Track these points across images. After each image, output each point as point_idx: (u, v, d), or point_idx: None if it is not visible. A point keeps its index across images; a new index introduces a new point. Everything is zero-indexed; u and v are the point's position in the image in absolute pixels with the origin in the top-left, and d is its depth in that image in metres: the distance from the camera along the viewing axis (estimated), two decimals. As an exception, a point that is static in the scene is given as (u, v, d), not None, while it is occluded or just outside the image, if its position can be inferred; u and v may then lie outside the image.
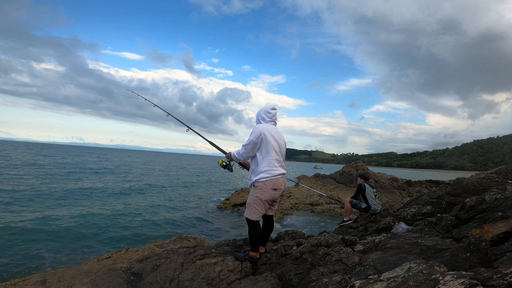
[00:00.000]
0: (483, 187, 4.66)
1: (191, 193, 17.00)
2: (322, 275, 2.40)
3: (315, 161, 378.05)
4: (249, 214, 2.89)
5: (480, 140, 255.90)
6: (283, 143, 3.04)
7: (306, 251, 2.93)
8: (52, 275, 3.54)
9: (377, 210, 5.09)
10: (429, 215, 4.21)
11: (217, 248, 3.64)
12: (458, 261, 1.81)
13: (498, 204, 3.29)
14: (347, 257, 2.54)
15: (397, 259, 2.27)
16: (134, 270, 3.34)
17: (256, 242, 2.99)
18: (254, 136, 2.86)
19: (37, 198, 11.45)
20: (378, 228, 4.24)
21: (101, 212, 10.19)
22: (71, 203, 11.21)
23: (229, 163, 3.35)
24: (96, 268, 3.77)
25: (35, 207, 9.88)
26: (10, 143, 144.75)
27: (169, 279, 2.93)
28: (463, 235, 2.81)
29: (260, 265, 3.03)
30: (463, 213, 3.58)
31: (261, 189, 2.84)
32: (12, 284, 3.45)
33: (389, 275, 1.79)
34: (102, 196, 13.25)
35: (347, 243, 3.20)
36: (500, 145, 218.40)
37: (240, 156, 3.00)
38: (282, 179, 2.93)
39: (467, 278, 1.31)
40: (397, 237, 3.12)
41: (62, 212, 9.59)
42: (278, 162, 2.91)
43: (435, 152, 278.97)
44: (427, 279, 1.48)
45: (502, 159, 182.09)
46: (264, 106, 3.12)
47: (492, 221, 2.50)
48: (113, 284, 3.03)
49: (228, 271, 2.81)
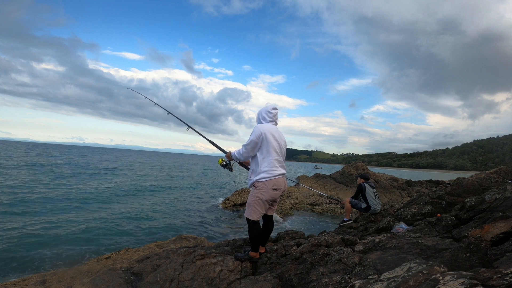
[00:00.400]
0: (483, 187, 4.66)
1: (191, 193, 17.00)
2: (322, 275, 2.41)
3: (315, 161, 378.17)
4: (249, 214, 2.89)
5: (480, 140, 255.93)
6: (284, 143, 3.04)
7: (306, 251, 2.93)
8: (52, 275, 3.54)
9: (377, 210, 5.09)
10: (429, 215, 4.21)
11: (217, 248, 3.64)
12: (458, 261, 1.81)
13: (498, 204, 3.29)
14: (347, 257, 2.54)
15: (397, 259, 2.27)
16: (134, 270, 3.34)
17: (256, 242, 2.99)
18: (254, 136, 2.85)
19: (37, 198, 11.45)
20: (378, 228, 4.24)
21: (101, 212, 10.19)
22: (71, 203, 11.21)
23: (229, 163, 3.35)
24: (96, 268, 3.76)
25: (35, 207, 9.88)
26: (10, 143, 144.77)
27: (169, 279, 2.93)
28: (463, 235, 2.81)
29: (260, 265, 3.03)
30: (463, 213, 3.57)
31: (261, 189, 2.84)
32: (12, 284, 3.45)
33: (389, 275, 1.79)
34: (102, 196, 13.25)
35: (347, 243, 3.20)
36: (500, 145, 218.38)
37: (241, 155, 3.00)
38: (282, 179, 2.93)
39: (467, 278, 1.31)
40: (397, 237, 3.12)
41: (62, 212, 9.60)
42: (278, 162, 2.91)
43: (435, 152, 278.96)
44: (427, 279, 1.48)
45: (502, 159, 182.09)
46: (264, 106, 3.11)
47: (492, 221, 2.50)
48: (113, 284, 3.03)
49: (228, 271, 2.81)
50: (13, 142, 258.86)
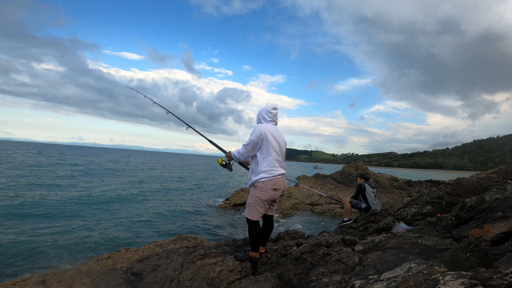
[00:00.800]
0: (483, 187, 4.66)
1: (191, 193, 17.00)
2: (322, 275, 2.40)
3: (315, 161, 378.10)
4: (249, 214, 2.89)
5: (480, 140, 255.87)
6: (284, 143, 3.04)
7: (306, 251, 2.93)
8: (52, 275, 3.54)
9: (377, 210, 5.09)
10: (429, 215, 4.21)
11: (217, 248, 3.64)
12: (458, 261, 1.81)
13: (498, 204, 3.29)
14: (347, 257, 2.54)
15: (397, 259, 2.27)
16: (134, 270, 3.34)
17: (256, 242, 2.99)
18: (255, 136, 2.85)
19: (37, 198, 11.45)
20: (378, 228, 4.24)
21: (101, 212, 10.19)
22: (71, 203, 11.20)
23: (228, 162, 3.35)
24: (96, 268, 3.76)
25: (36, 208, 9.88)
26: (10, 143, 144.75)
27: (169, 279, 2.93)
28: (463, 235, 2.81)
29: (260, 265, 3.02)
30: (463, 213, 3.57)
31: (261, 189, 2.84)
32: (12, 284, 3.45)
33: (389, 275, 1.79)
34: (102, 197, 13.25)
35: (347, 243, 3.20)
36: (500, 145, 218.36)
37: (241, 155, 3.00)
38: (282, 179, 2.93)
39: (467, 278, 1.31)
40: (397, 237, 3.12)
41: (62, 212, 9.59)
42: (278, 163, 2.91)
43: (435, 152, 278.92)
44: (427, 279, 1.48)
45: (502, 159, 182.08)
46: (265, 106, 3.11)
47: (492, 221, 2.50)
48: (113, 284, 3.03)
49: (228, 271, 2.81)
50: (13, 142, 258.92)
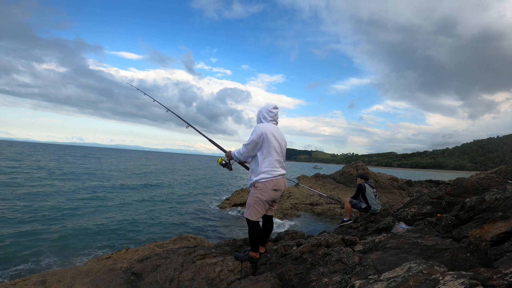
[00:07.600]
0: (483, 187, 4.66)
1: (191, 193, 17.00)
2: (322, 275, 2.40)
3: (315, 161, 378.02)
4: (249, 215, 2.88)
5: (480, 140, 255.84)
6: (284, 143, 3.02)
7: (306, 251, 2.93)
8: (52, 275, 3.54)
9: (377, 210, 5.09)
10: (429, 215, 4.21)
11: (217, 248, 3.64)
12: (458, 261, 1.81)
13: (498, 204, 3.29)
14: (347, 257, 2.54)
15: (397, 259, 2.27)
16: (134, 270, 3.34)
17: (256, 242, 2.99)
18: (255, 136, 2.83)
19: (37, 199, 11.45)
20: (378, 228, 4.24)
21: (101, 212, 10.19)
22: (71, 203, 11.20)
23: (228, 162, 3.34)
24: (96, 268, 3.77)
25: (36, 208, 9.88)
26: (10, 143, 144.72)
27: (169, 279, 2.93)
28: (463, 235, 2.81)
29: (260, 265, 3.02)
30: (463, 213, 3.57)
31: (262, 189, 2.83)
32: (12, 284, 3.45)
33: (389, 275, 1.79)
34: (102, 197, 13.25)
35: (347, 243, 3.20)
36: (500, 145, 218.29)
37: (241, 155, 2.98)
38: (282, 180, 2.92)
39: (467, 278, 1.31)
40: (397, 237, 3.12)
41: (62, 212, 9.59)
42: (278, 163, 2.90)
43: (435, 152, 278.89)
44: (427, 279, 1.48)
45: (502, 159, 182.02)
46: (265, 105, 3.07)
47: (492, 221, 2.50)
48: (113, 284, 3.03)
49: (228, 271, 2.81)
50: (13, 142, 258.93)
